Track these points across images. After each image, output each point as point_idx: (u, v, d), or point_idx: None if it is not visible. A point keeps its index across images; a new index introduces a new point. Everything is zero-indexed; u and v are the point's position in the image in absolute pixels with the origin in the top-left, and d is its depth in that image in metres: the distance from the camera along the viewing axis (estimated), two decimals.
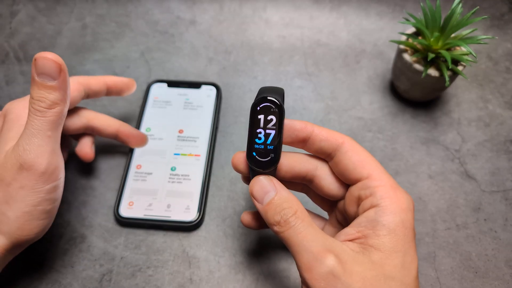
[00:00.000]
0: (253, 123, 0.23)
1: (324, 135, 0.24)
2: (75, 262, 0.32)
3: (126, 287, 0.31)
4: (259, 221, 0.29)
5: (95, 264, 0.32)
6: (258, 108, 0.23)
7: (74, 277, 0.32)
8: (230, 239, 0.34)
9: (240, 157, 0.25)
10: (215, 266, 0.32)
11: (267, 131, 0.23)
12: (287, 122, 0.24)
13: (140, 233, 0.34)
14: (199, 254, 0.33)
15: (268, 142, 0.23)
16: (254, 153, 0.23)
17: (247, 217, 0.29)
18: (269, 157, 0.23)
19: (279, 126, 0.23)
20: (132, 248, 0.33)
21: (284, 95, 0.25)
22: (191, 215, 0.34)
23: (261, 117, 0.23)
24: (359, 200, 0.24)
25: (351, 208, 0.25)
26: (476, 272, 0.32)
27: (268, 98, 0.23)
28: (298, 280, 0.32)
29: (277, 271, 0.32)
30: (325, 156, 0.25)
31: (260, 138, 0.23)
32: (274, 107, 0.23)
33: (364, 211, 0.23)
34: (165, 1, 0.50)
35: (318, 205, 0.29)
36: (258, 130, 0.23)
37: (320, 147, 0.25)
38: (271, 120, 0.23)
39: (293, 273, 0.32)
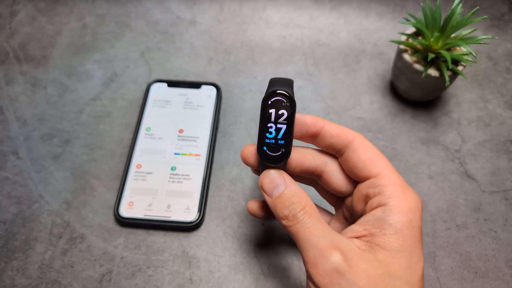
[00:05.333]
0: (264, 117, 0.23)
1: (335, 131, 0.24)
2: (75, 262, 0.32)
3: (126, 287, 0.31)
4: (265, 210, 0.28)
5: (95, 264, 0.32)
6: (269, 102, 0.23)
7: (74, 277, 0.32)
8: (230, 239, 0.34)
9: (250, 150, 0.25)
10: (215, 266, 0.32)
11: (278, 125, 0.23)
12: (297, 116, 0.24)
13: (140, 233, 0.34)
14: (199, 254, 0.33)
15: (279, 136, 0.23)
16: (265, 148, 0.23)
17: (253, 205, 0.28)
18: (280, 152, 0.23)
19: (290, 120, 0.23)
20: (132, 248, 0.33)
21: (293, 86, 0.25)
22: (191, 216, 0.34)
23: (272, 111, 0.23)
24: (367, 198, 0.24)
25: (358, 206, 0.25)
26: (476, 273, 0.32)
27: (279, 92, 0.22)
28: (298, 280, 0.32)
29: (277, 271, 0.32)
30: (335, 152, 0.25)
31: (271, 133, 0.23)
32: (285, 101, 0.23)
33: (372, 209, 0.23)
34: (165, 1, 0.50)
35: (326, 199, 0.29)
36: (269, 125, 0.23)
37: (330, 143, 0.25)
38: (282, 114, 0.23)
39: (293, 273, 0.32)
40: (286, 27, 0.48)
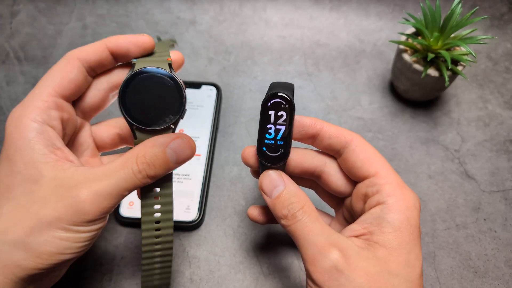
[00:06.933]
0: (264, 119, 0.23)
1: (333, 132, 0.25)
2: (75, 262, 0.32)
3: (127, 287, 0.31)
4: (266, 215, 0.29)
5: (95, 264, 0.32)
6: (269, 104, 0.23)
7: (74, 277, 0.32)
8: (230, 239, 0.34)
9: (250, 151, 0.26)
10: (215, 265, 0.32)
11: (278, 126, 0.23)
12: (297, 118, 0.25)
13: (140, 233, 0.34)
14: (199, 254, 0.33)
15: (278, 137, 0.23)
16: (264, 148, 0.24)
17: (253, 211, 0.29)
18: (279, 152, 0.24)
19: (289, 122, 0.23)
20: (133, 248, 0.33)
21: (294, 91, 0.25)
22: (191, 215, 0.34)
23: (272, 112, 0.23)
24: (366, 197, 0.24)
25: (357, 205, 0.25)
26: (475, 272, 0.32)
27: (279, 94, 0.23)
28: (298, 280, 0.32)
29: (277, 270, 0.32)
30: (333, 152, 0.26)
31: (270, 134, 0.23)
32: (284, 103, 0.23)
33: (370, 208, 0.23)
34: (165, 1, 0.50)
35: (326, 201, 0.29)
36: (269, 126, 0.23)
37: (329, 144, 0.25)
38: (282, 116, 0.23)
39: (293, 273, 0.32)
40: (286, 27, 0.48)
